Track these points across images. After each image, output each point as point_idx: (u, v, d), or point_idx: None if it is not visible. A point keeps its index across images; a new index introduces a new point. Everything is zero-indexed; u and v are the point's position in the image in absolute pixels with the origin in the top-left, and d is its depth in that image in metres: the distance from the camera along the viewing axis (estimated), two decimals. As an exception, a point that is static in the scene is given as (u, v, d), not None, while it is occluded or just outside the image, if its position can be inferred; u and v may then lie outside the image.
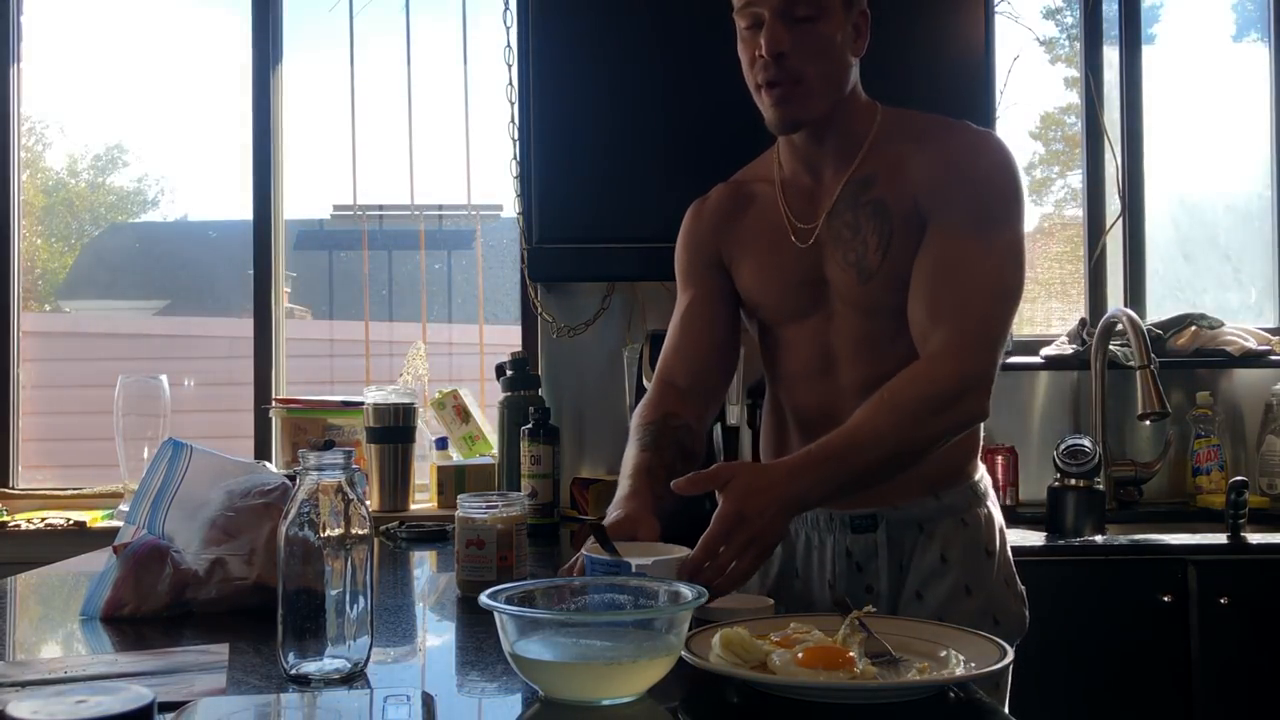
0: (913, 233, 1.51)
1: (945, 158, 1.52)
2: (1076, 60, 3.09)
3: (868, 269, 1.53)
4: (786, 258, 1.62)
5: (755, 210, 1.68)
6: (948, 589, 1.58)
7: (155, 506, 1.58)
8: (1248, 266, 3.13)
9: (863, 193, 1.55)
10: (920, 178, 1.51)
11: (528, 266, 2.57)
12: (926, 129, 1.57)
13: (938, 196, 1.50)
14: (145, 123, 3.15)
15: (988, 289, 1.48)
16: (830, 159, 1.59)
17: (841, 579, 1.63)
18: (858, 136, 1.58)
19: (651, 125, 2.48)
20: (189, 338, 3.14)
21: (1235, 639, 2.24)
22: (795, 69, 1.50)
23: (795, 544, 1.68)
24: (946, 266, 1.49)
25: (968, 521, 1.62)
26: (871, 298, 1.54)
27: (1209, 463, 2.80)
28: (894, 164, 1.54)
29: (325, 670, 1.13)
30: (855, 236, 1.54)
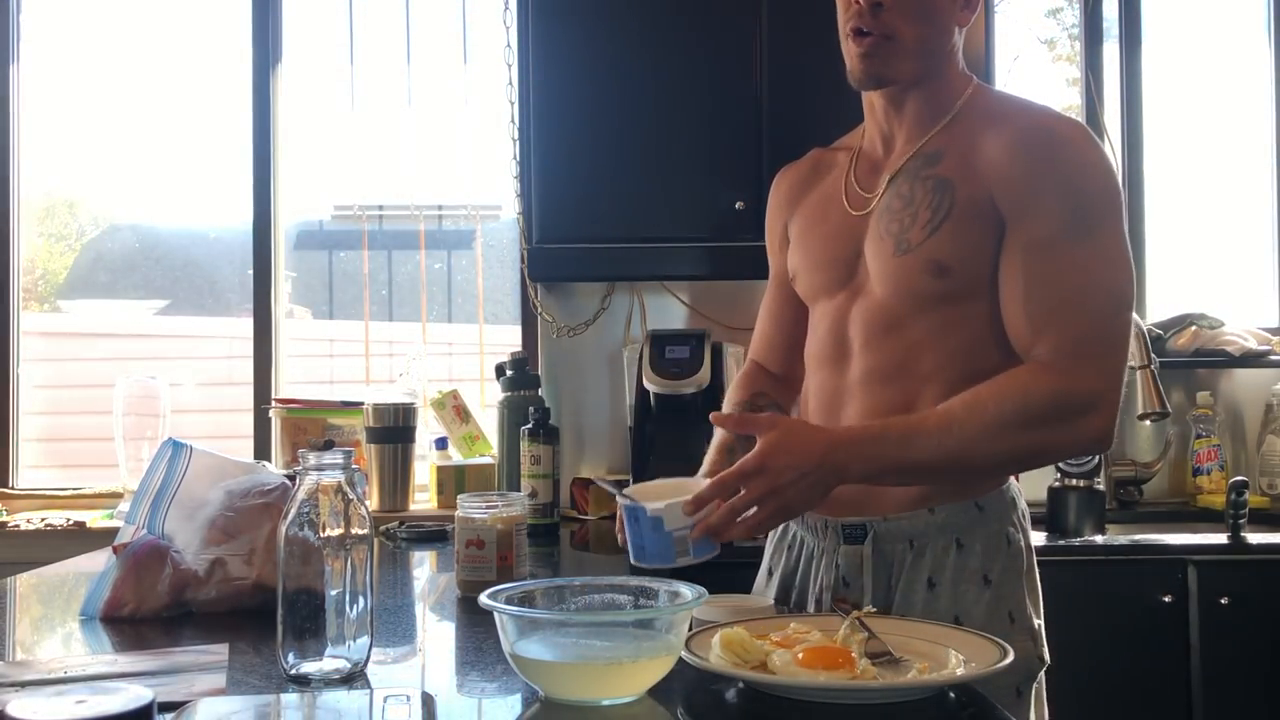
0: (974, 221, 1.39)
1: (1028, 146, 1.39)
2: (1076, 60, 3.09)
3: (907, 242, 1.42)
4: (833, 227, 1.54)
5: (829, 179, 1.60)
6: (933, 617, 1.39)
7: (155, 506, 1.57)
8: (1248, 266, 3.13)
9: (926, 167, 1.45)
10: (999, 167, 1.39)
11: (528, 266, 2.57)
12: (1010, 114, 1.45)
13: (1026, 193, 1.37)
14: (145, 122, 3.15)
15: (1097, 300, 1.36)
16: (906, 128, 1.50)
17: (828, 593, 1.49)
18: (940, 109, 1.48)
19: (651, 125, 2.48)
20: (189, 338, 3.14)
21: (1235, 639, 2.24)
22: (890, 24, 1.41)
23: (799, 551, 1.58)
24: (1048, 272, 1.36)
25: (963, 543, 1.44)
26: (900, 274, 1.44)
27: (1209, 463, 2.80)
28: (968, 145, 1.43)
29: (325, 670, 1.13)
30: (905, 208, 1.44)
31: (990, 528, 1.46)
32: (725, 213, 2.45)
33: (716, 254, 2.50)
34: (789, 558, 1.60)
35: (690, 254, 2.52)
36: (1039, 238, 1.37)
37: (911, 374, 1.45)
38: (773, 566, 1.65)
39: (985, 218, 1.39)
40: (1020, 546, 1.48)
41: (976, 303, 1.42)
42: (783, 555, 1.62)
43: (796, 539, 1.59)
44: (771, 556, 1.66)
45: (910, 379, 1.45)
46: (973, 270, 1.40)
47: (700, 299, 2.85)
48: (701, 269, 2.55)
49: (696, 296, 2.86)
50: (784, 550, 1.62)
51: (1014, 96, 1.52)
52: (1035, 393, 1.33)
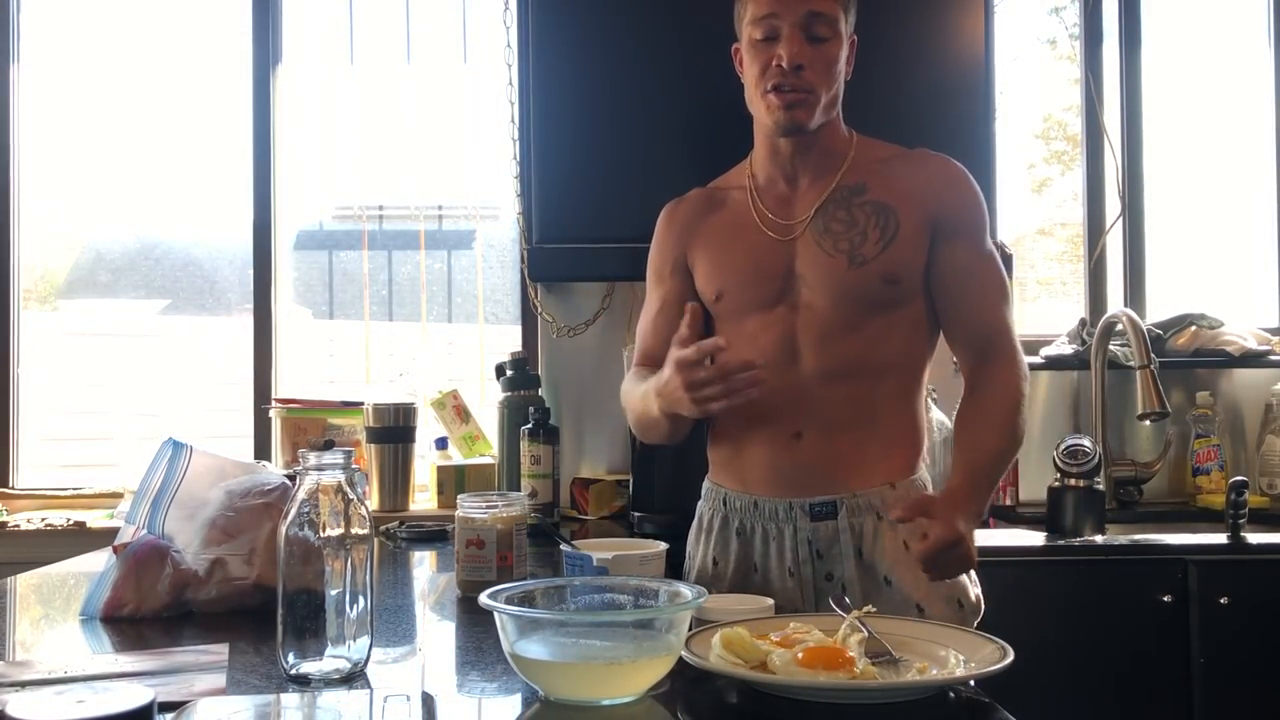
0: (916, 239, 1.69)
1: (953, 181, 1.74)
2: (1077, 60, 3.09)
3: (862, 256, 1.68)
4: (756, 251, 1.75)
5: (726, 212, 1.82)
6: (915, 574, 1.63)
7: (155, 506, 1.58)
8: (1248, 266, 3.13)
9: (856, 196, 1.72)
10: (932, 195, 1.71)
11: (528, 266, 2.57)
12: (914, 154, 1.77)
13: (956, 216, 1.72)
14: (145, 123, 3.15)
15: (1008, 293, 1.76)
16: (810, 169, 1.75)
17: (804, 566, 1.70)
18: (838, 151, 1.76)
19: (651, 125, 2.48)
20: (189, 338, 3.14)
21: (1235, 639, 2.24)
22: (809, 82, 1.66)
23: (753, 538, 1.74)
24: (982, 277, 1.72)
25: None
26: (851, 283, 1.68)
27: (1209, 463, 2.80)
28: (887, 179, 1.72)
29: (325, 670, 1.13)
30: (850, 229, 1.70)
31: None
32: (725, 213, 2.45)
33: (716, 254, 2.49)
34: (740, 545, 1.76)
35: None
36: (971, 254, 1.72)
37: (868, 368, 1.70)
38: (718, 558, 1.78)
39: (922, 235, 1.70)
40: None
41: (914, 303, 1.72)
42: (730, 545, 1.77)
43: (746, 527, 1.75)
44: (713, 549, 1.79)
45: (868, 373, 1.70)
46: (915, 277, 1.71)
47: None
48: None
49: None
50: (729, 540, 1.77)
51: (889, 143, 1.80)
52: (1013, 385, 1.69)
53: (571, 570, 1.49)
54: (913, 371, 1.74)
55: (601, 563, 1.43)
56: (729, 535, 1.77)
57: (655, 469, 2.47)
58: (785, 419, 1.70)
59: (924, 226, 1.69)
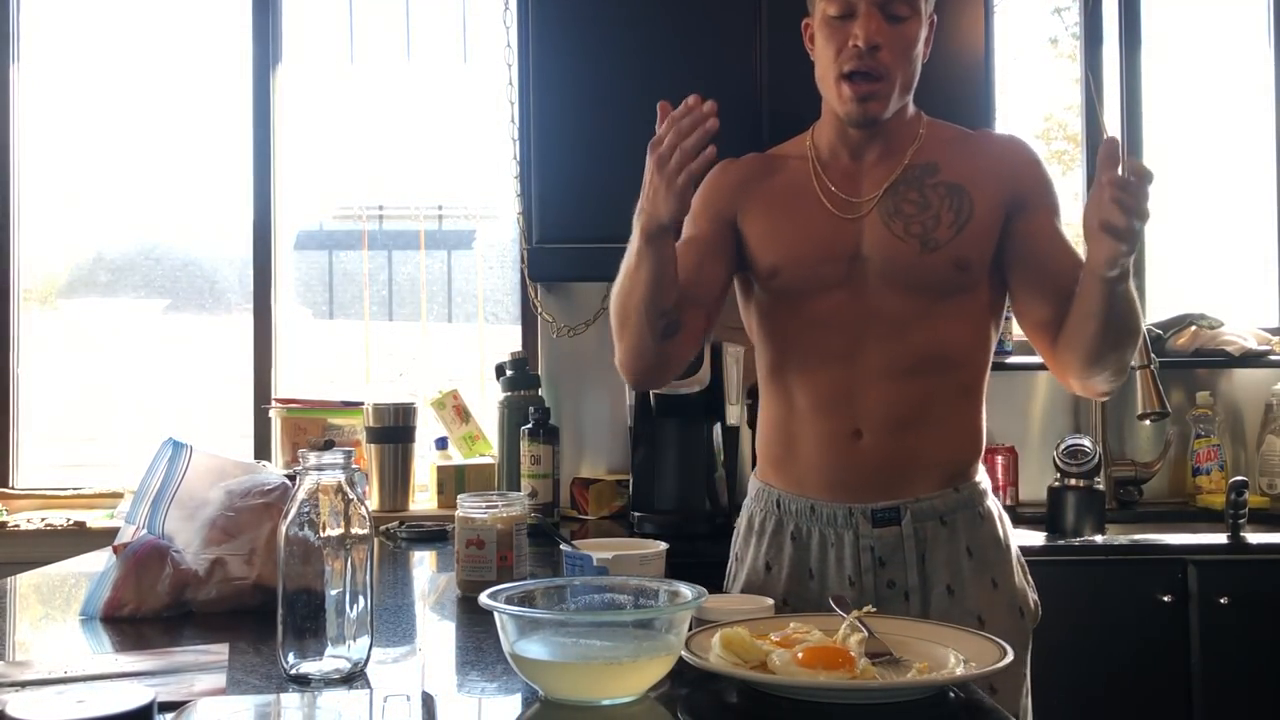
0: (990, 220, 1.60)
1: (1027, 155, 1.66)
2: (1077, 59, 3.09)
3: (935, 241, 1.58)
4: (818, 227, 1.63)
5: (785, 178, 1.70)
6: (978, 584, 1.59)
7: (155, 506, 1.57)
8: (1248, 266, 3.13)
9: (929, 176, 1.62)
10: (1007, 171, 1.62)
11: (528, 266, 2.57)
12: (980, 134, 1.73)
13: (1034, 189, 1.63)
14: (145, 122, 3.15)
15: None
16: (879, 146, 1.64)
17: (866, 574, 1.59)
18: (908, 131, 1.66)
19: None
20: (189, 338, 3.14)
21: (1235, 639, 2.24)
22: (885, 64, 1.56)
23: (808, 543, 1.64)
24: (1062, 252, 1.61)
25: (982, 514, 1.64)
26: (923, 269, 1.58)
27: (1209, 463, 2.80)
28: (959, 159, 1.63)
29: (325, 670, 1.13)
30: (924, 211, 1.60)
31: (990, 500, 1.68)
32: (725, 213, 2.45)
33: (716, 254, 2.49)
34: (795, 550, 1.65)
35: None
36: (1052, 222, 1.63)
37: (936, 361, 1.60)
38: (770, 563, 1.67)
39: (996, 217, 1.60)
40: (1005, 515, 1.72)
41: (979, 291, 1.62)
42: (784, 550, 1.66)
43: (801, 531, 1.64)
44: (765, 552, 1.68)
45: (935, 366, 1.60)
46: (984, 262, 1.61)
47: (700, 299, 2.84)
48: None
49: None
50: (783, 545, 1.66)
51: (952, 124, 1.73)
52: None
53: (571, 570, 1.49)
54: (977, 366, 1.65)
55: (601, 563, 1.43)
56: (783, 540, 1.66)
57: (655, 469, 2.47)
58: (844, 416, 1.59)
59: (999, 206, 1.60)
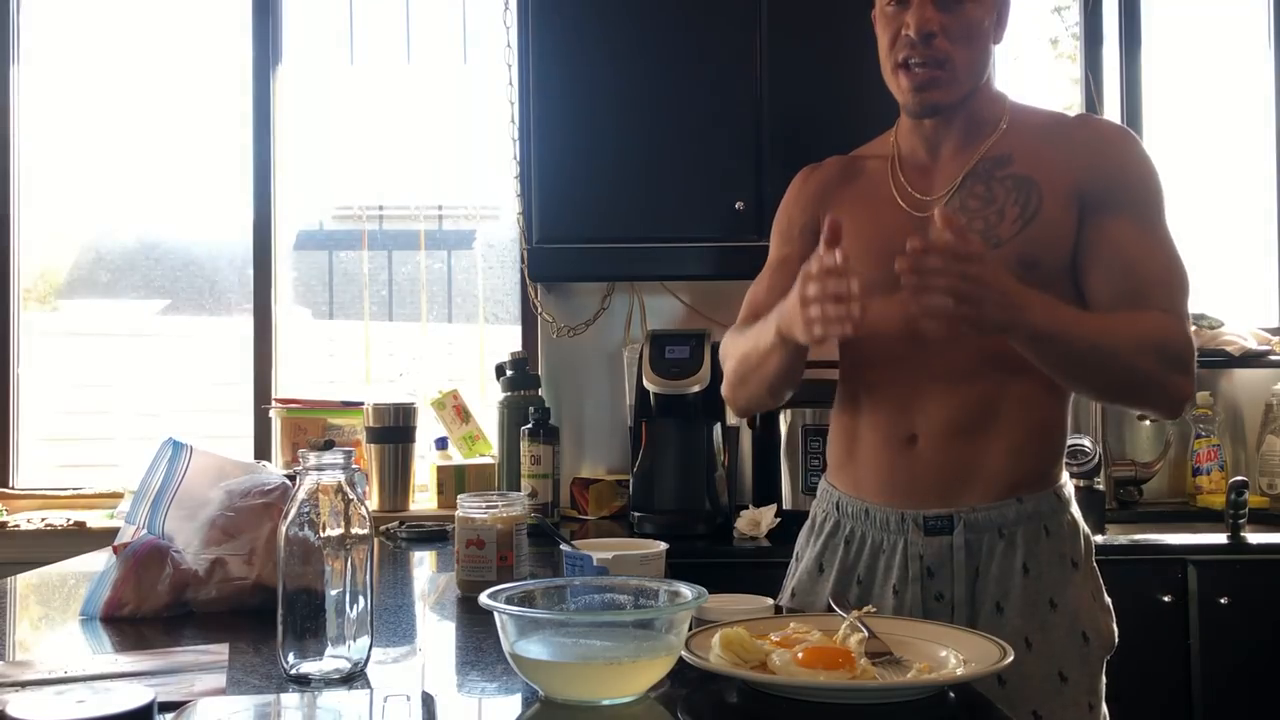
0: (1061, 214, 1.50)
1: (1112, 145, 1.53)
2: (1077, 59, 3.09)
3: (997, 237, 1.50)
4: (890, 225, 1.56)
5: (864, 181, 1.66)
6: (1031, 602, 1.51)
7: (155, 506, 1.57)
8: (1248, 266, 3.13)
9: (999, 168, 1.54)
10: (1082, 162, 1.51)
11: (528, 266, 2.57)
12: (1072, 120, 1.60)
13: (1113, 184, 1.50)
14: (145, 123, 3.15)
15: (1184, 281, 1.51)
16: (955, 139, 1.58)
17: (912, 585, 1.54)
18: (988, 121, 1.57)
19: (651, 125, 2.48)
20: (189, 338, 3.14)
21: (1235, 639, 2.24)
22: (942, 51, 1.49)
23: (861, 549, 1.60)
24: (1145, 254, 1.49)
25: (1050, 529, 1.54)
26: None
27: (1209, 463, 2.80)
28: (1035, 148, 1.54)
29: (325, 670, 1.13)
30: (987, 206, 1.52)
31: (1067, 514, 1.56)
32: (725, 213, 2.46)
33: (716, 254, 2.50)
34: (846, 553, 1.61)
35: (690, 254, 2.52)
36: (1130, 227, 1.48)
37: (998, 366, 1.50)
38: (824, 564, 1.64)
39: (1069, 211, 1.49)
40: (1086, 530, 1.60)
41: (1055, 290, 1.47)
42: (837, 552, 1.62)
43: (855, 535, 1.61)
44: (821, 555, 1.65)
45: (998, 372, 1.51)
46: (1057, 262, 1.50)
47: (700, 299, 2.85)
48: (701, 269, 2.55)
49: (696, 296, 2.86)
50: (837, 547, 1.63)
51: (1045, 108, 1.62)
52: (1173, 332, 1.45)
53: (571, 570, 1.49)
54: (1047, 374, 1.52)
55: (601, 563, 1.43)
56: (838, 542, 1.63)
57: (655, 469, 2.47)
58: (899, 420, 1.54)
59: (1070, 200, 1.49)
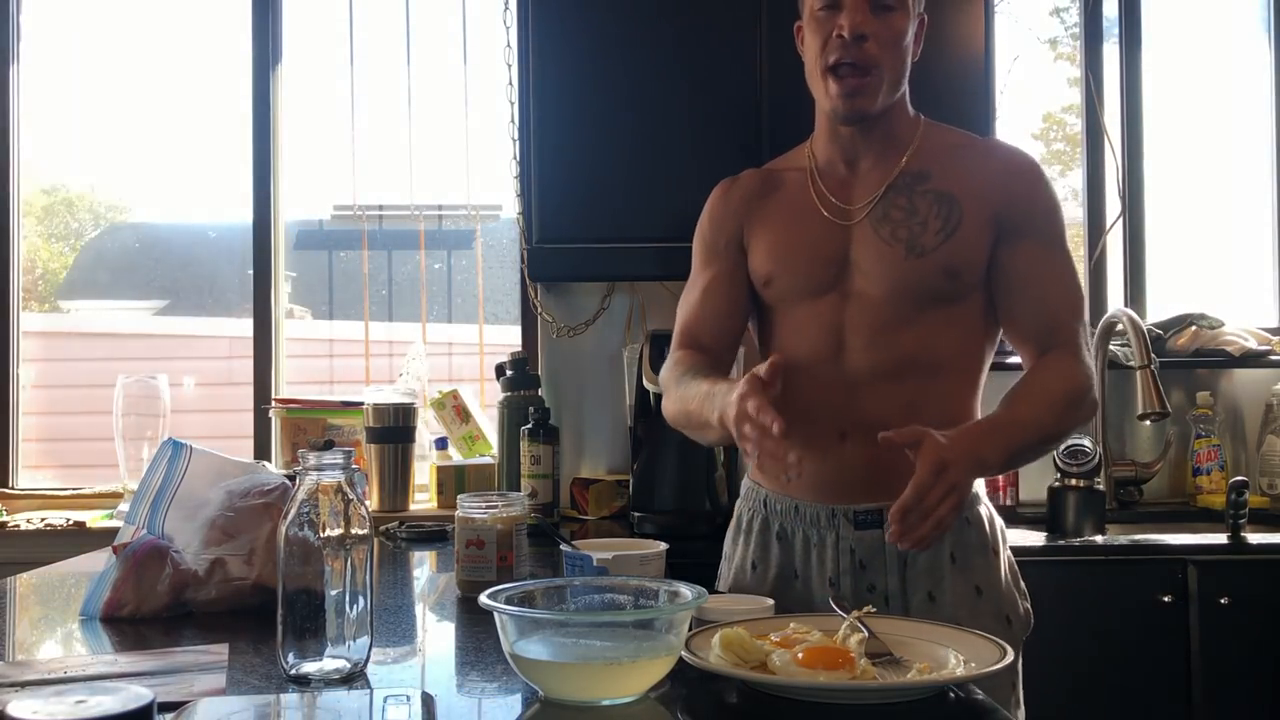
0: (979, 232, 1.59)
1: (1023, 175, 1.63)
2: (1077, 60, 3.09)
3: (921, 247, 1.58)
4: (812, 233, 1.65)
5: (783, 193, 1.71)
6: (960, 590, 1.58)
7: (155, 506, 1.58)
8: (1248, 266, 3.13)
9: (919, 183, 1.62)
10: (999, 188, 1.61)
11: (528, 266, 2.57)
12: (984, 143, 1.71)
13: (1024, 212, 1.61)
14: (145, 122, 3.15)
15: (1081, 303, 1.64)
16: (873, 153, 1.65)
17: (845, 577, 1.61)
18: (904, 136, 1.65)
19: (651, 125, 2.48)
20: (189, 338, 3.14)
21: (1235, 639, 2.24)
22: (872, 55, 1.56)
23: (794, 543, 1.66)
24: (1050, 281, 1.61)
25: (971, 520, 1.63)
26: (909, 274, 1.58)
27: (1209, 463, 2.80)
28: (951, 167, 1.63)
29: (325, 670, 1.13)
30: (911, 218, 1.60)
31: (982, 504, 1.66)
32: (725, 213, 2.45)
33: (716, 254, 2.49)
34: (781, 550, 1.67)
35: (690, 254, 2.51)
36: (1037, 255, 1.61)
37: (921, 366, 1.60)
38: (755, 561, 1.69)
39: (985, 229, 1.60)
40: (1000, 521, 1.69)
41: (972, 300, 1.62)
42: (770, 549, 1.68)
43: (786, 531, 1.67)
44: (753, 552, 1.70)
45: (920, 371, 1.60)
46: (975, 273, 1.61)
47: (700, 299, 2.84)
48: (701, 269, 2.54)
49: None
50: (769, 544, 1.69)
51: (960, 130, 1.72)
52: (1076, 377, 1.56)
53: (571, 570, 1.49)
54: (969, 372, 1.64)
55: (601, 563, 1.43)
56: (769, 539, 1.68)
57: (655, 469, 2.47)
58: (829, 418, 1.60)
59: (988, 221, 1.59)
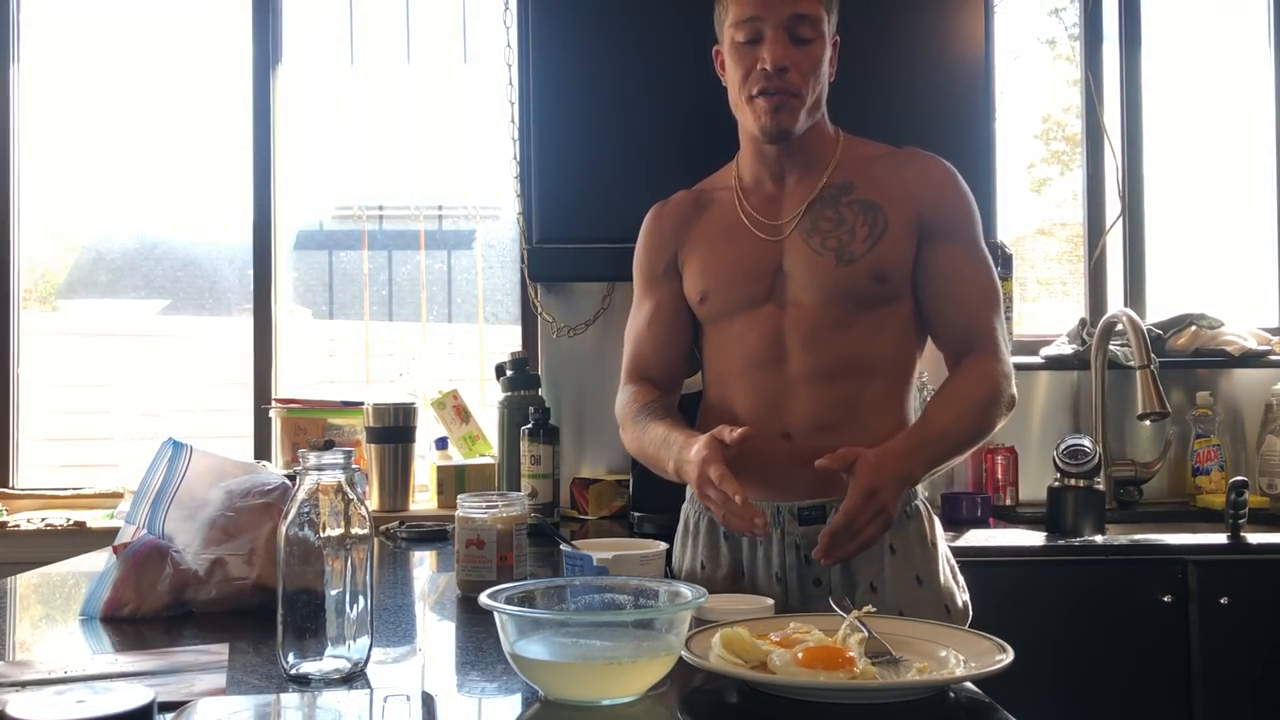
0: (903, 236, 1.68)
1: (941, 180, 1.72)
2: (1077, 60, 3.09)
3: (850, 254, 1.67)
4: (744, 250, 1.73)
5: (713, 212, 1.80)
6: (901, 581, 1.65)
7: (155, 506, 1.57)
8: (1248, 266, 3.13)
9: (844, 194, 1.71)
10: (918, 194, 1.70)
11: (528, 266, 2.57)
12: (901, 153, 1.76)
13: (943, 216, 1.70)
14: (145, 122, 3.15)
15: (998, 298, 1.73)
16: (797, 168, 1.74)
17: (791, 571, 1.68)
18: (825, 151, 1.74)
19: (651, 125, 2.48)
20: (189, 338, 3.14)
21: (1235, 639, 2.24)
22: (794, 84, 1.65)
23: (740, 541, 1.73)
24: (969, 280, 1.70)
25: (909, 513, 1.70)
26: (840, 281, 1.67)
27: (1209, 463, 2.80)
28: (873, 177, 1.71)
29: (325, 670, 1.13)
30: (838, 227, 1.69)
31: (918, 499, 1.74)
32: (725, 213, 2.45)
33: (716, 254, 2.49)
34: (731, 548, 1.74)
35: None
36: (957, 256, 1.70)
37: (857, 367, 1.68)
38: (705, 561, 1.76)
39: (909, 234, 1.69)
40: (934, 514, 1.76)
41: (902, 302, 1.71)
42: (719, 548, 1.75)
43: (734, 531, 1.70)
44: (703, 552, 1.76)
45: (856, 372, 1.68)
46: (903, 275, 1.69)
47: (700, 299, 2.85)
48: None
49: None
50: (717, 543, 1.75)
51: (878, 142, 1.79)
52: (994, 378, 1.66)
53: (571, 570, 1.49)
54: (902, 371, 1.73)
55: (601, 563, 1.43)
56: (717, 538, 1.75)
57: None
58: (772, 419, 1.68)
59: (911, 225, 1.68)
